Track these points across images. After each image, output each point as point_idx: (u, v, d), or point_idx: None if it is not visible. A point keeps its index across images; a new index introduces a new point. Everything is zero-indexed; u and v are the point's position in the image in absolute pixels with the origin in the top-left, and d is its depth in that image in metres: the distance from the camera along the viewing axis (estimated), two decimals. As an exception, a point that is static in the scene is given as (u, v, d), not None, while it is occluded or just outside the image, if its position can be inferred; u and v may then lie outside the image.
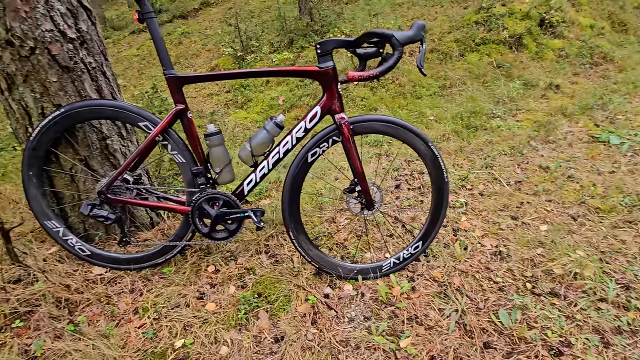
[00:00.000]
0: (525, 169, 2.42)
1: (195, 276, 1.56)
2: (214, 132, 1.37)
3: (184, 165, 1.41)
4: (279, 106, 4.55)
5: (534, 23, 4.45)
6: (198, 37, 8.20)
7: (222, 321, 1.36)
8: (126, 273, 1.55)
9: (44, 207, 1.45)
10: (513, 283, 1.50)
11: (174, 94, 1.32)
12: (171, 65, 1.30)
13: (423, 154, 1.44)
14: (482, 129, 2.94)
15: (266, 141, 1.37)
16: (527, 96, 3.59)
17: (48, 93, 1.36)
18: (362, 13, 6.33)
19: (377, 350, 1.24)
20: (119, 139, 1.57)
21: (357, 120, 1.37)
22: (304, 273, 1.58)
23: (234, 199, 1.42)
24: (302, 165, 1.40)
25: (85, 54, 1.41)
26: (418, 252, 1.56)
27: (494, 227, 1.86)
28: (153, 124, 1.35)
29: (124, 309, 1.41)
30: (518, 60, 4.15)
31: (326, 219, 1.98)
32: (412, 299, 1.45)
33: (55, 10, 1.30)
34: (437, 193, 1.49)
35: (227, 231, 1.47)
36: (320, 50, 1.26)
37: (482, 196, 2.16)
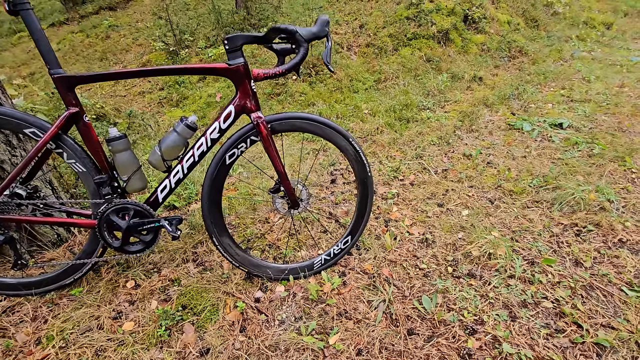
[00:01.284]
0: (451, 157, 2.56)
1: (111, 294, 1.43)
2: (117, 137, 1.25)
3: (85, 174, 1.27)
4: (216, 103, 4.37)
5: (459, 19, 4.73)
6: (128, 31, 7.60)
7: (140, 340, 1.26)
8: (27, 299, 1.38)
9: None
10: (436, 268, 1.58)
11: (64, 95, 1.18)
12: (58, 63, 1.15)
13: (345, 150, 1.45)
14: (413, 121, 3.06)
15: (178, 144, 1.28)
16: (454, 88, 3.81)
17: None
18: (300, 7, 6.28)
19: (306, 350, 1.23)
20: (7, 147, 1.38)
21: (275, 118, 1.33)
22: (234, 279, 1.53)
23: (147, 207, 1.31)
24: (220, 167, 1.33)
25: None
26: (348, 247, 1.58)
27: (422, 215, 1.94)
28: (42, 130, 1.20)
29: (23, 341, 1.24)
30: (446, 54, 4.39)
31: (259, 219, 1.93)
32: (342, 294, 1.46)
33: None
34: (362, 187, 1.51)
35: (142, 243, 1.36)
36: (228, 46, 1.20)
37: (413, 186, 2.25)
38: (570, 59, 4.81)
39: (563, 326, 1.24)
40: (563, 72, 4.21)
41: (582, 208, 1.83)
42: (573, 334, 1.21)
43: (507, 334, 1.22)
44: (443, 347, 1.21)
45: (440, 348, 1.21)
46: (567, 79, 4.02)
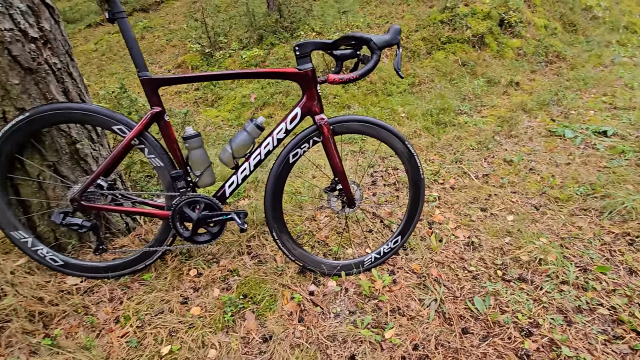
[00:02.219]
0: (492, 162, 2.56)
1: (177, 281, 1.54)
2: (192, 135, 1.35)
3: (162, 169, 1.37)
4: (250, 104, 4.50)
5: (495, 23, 4.69)
6: (162, 32, 7.88)
7: (208, 324, 1.35)
8: (103, 281, 1.50)
9: (9, 217, 1.37)
10: (485, 271, 1.60)
11: (150, 96, 1.29)
12: (145, 66, 1.26)
13: (400, 152, 1.50)
14: (450, 125, 3.07)
15: (247, 143, 1.37)
16: (491, 93, 3.78)
17: (9, 96, 1.27)
18: (331, 10, 6.36)
19: (363, 342, 1.29)
20: (90, 142, 1.51)
21: (337, 120, 1.40)
22: (288, 272, 1.60)
23: (216, 201, 1.41)
24: (284, 166, 1.41)
25: (50, 54, 1.33)
26: (397, 246, 1.63)
27: (466, 219, 1.96)
28: (128, 127, 1.31)
29: (104, 319, 1.36)
30: (481, 58, 4.36)
31: (306, 217, 2.01)
32: (393, 292, 1.51)
33: (15, 8, 1.22)
34: (414, 189, 1.56)
35: (209, 234, 1.45)
36: (299, 52, 1.28)
37: (454, 190, 2.27)
38: (611, 65, 4.68)
39: (621, 333, 1.25)
40: (604, 78, 4.10)
41: (633, 217, 1.81)
42: (633, 341, 1.22)
43: (565, 338, 1.24)
44: (499, 347, 1.24)
45: (497, 347, 1.24)
46: (608, 85, 3.92)
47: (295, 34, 5.65)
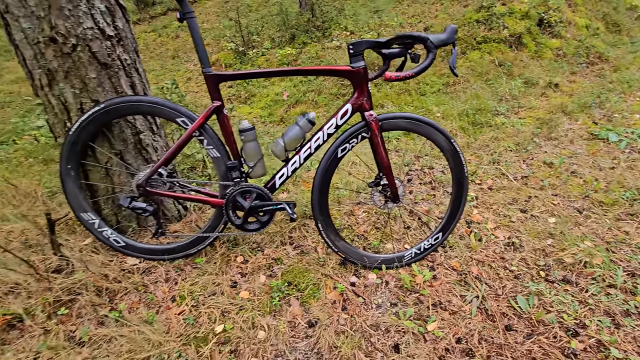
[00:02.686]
0: (531, 164, 2.52)
1: (226, 266, 1.63)
2: (248, 128, 1.43)
3: (219, 159, 1.46)
4: (283, 101, 4.60)
5: (533, 23, 4.56)
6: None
7: (257, 308, 1.43)
8: (159, 263, 1.61)
9: (80, 200, 1.50)
10: (527, 271, 1.60)
11: (212, 91, 1.37)
12: (209, 63, 1.35)
13: (445, 150, 1.52)
14: (487, 126, 3.04)
15: (298, 137, 1.44)
16: (528, 94, 3.70)
17: (87, 89, 1.40)
18: (363, 9, 6.38)
19: (406, 333, 1.33)
20: (150, 133, 1.62)
21: (385, 117, 1.45)
22: (329, 263, 1.66)
23: (267, 192, 1.48)
24: (333, 160, 1.47)
25: (122, 51, 1.45)
26: (438, 243, 1.65)
27: (505, 220, 1.96)
28: (190, 119, 1.41)
29: (162, 297, 1.47)
30: (518, 58, 4.26)
31: (344, 212, 2.06)
32: (434, 287, 1.53)
33: (96, 9, 1.33)
34: (458, 186, 1.58)
35: (259, 222, 1.53)
36: (352, 50, 1.33)
37: (491, 190, 2.26)
38: (659, 67, 4.45)
39: (674, 338, 1.23)
40: (651, 80, 3.92)
41: (686, 224, 1.75)
42: (686, 347, 1.20)
43: (613, 340, 1.23)
44: (545, 345, 1.25)
45: (542, 345, 1.25)
46: (656, 88, 3.74)
47: (327, 33, 5.71)
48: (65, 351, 1.24)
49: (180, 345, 1.28)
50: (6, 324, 1.32)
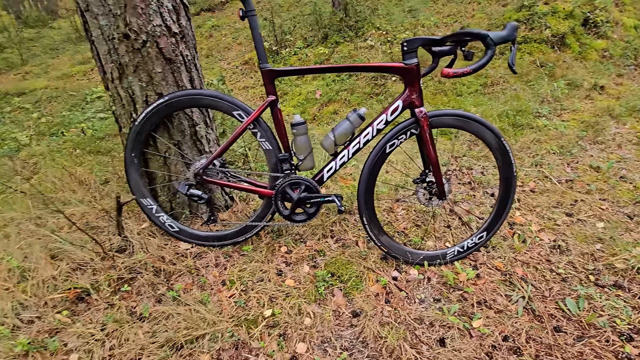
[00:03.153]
0: (576, 168, 2.45)
1: (271, 255, 1.69)
2: (300, 122, 1.48)
3: (270, 152, 1.53)
4: (316, 100, 4.65)
5: (578, 22, 4.39)
6: (228, 31, 8.32)
7: (302, 295, 1.48)
8: (209, 249, 1.69)
9: (140, 186, 1.60)
10: (575, 275, 1.57)
11: (267, 85, 1.44)
12: (266, 59, 1.41)
13: (494, 148, 1.52)
14: (528, 128, 2.97)
15: (348, 131, 1.48)
16: (572, 96, 3.57)
17: (152, 82, 1.50)
18: (396, 9, 6.34)
19: (451, 328, 1.34)
20: (205, 126, 1.71)
21: (435, 114, 1.46)
22: (371, 257, 1.69)
23: (315, 184, 1.53)
24: (380, 155, 1.50)
25: (184, 47, 1.54)
26: (482, 242, 1.65)
27: (550, 223, 1.92)
28: (246, 113, 1.48)
29: (213, 280, 1.55)
30: (561, 59, 4.11)
31: (383, 208, 2.08)
32: (478, 285, 1.53)
33: (164, 7, 1.43)
34: (505, 185, 1.57)
35: (306, 214, 1.58)
36: (406, 47, 1.35)
37: (534, 193, 2.21)
38: None
39: None
40: None
41: None
42: None
43: (673, 347, 1.19)
44: (596, 348, 1.23)
45: (594, 348, 1.23)
46: None
47: (359, 32, 5.73)
48: (128, 325, 1.34)
49: (233, 325, 1.35)
50: (76, 296, 1.44)
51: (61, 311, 1.39)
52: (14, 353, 1.23)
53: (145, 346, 1.27)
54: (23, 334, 1.30)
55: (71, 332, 1.32)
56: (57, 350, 1.26)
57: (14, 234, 1.81)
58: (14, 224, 1.91)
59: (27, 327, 1.34)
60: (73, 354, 1.26)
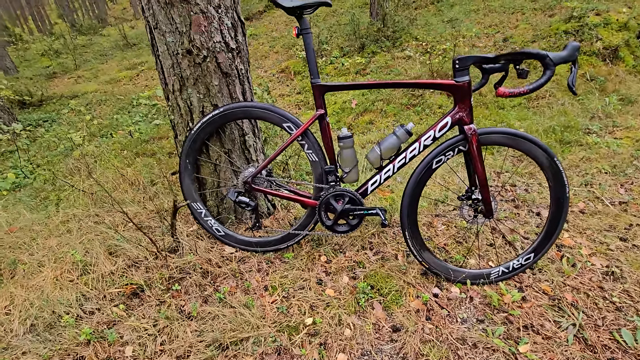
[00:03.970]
0: (630, 189, 2.31)
1: (311, 263, 1.73)
2: (347, 136, 1.52)
3: (316, 163, 1.57)
4: (351, 109, 4.69)
5: (633, 35, 4.15)
6: (265, 39, 8.56)
7: (342, 306, 1.50)
8: (252, 254, 1.76)
9: (192, 191, 1.70)
10: (632, 305, 1.48)
11: (317, 99, 1.49)
12: (318, 74, 1.46)
13: (545, 168, 1.47)
14: (577, 145, 2.83)
15: (395, 146, 1.49)
16: (625, 112, 3.37)
17: (209, 94, 1.59)
18: (434, 19, 6.29)
19: (496, 351, 1.30)
20: (253, 135, 1.79)
21: (484, 131, 1.44)
22: (411, 272, 1.68)
23: (359, 196, 1.56)
24: (426, 171, 1.49)
25: (239, 61, 1.63)
26: (529, 264, 1.59)
27: (602, 247, 1.82)
28: (295, 125, 1.53)
29: (256, 285, 1.60)
30: (613, 73, 3.90)
31: (423, 223, 2.06)
32: (524, 308, 1.48)
33: (225, 25, 1.52)
34: (556, 207, 1.52)
35: (348, 225, 1.61)
36: (459, 65, 1.36)
37: (584, 214, 2.11)
38: None
39: None
40: None
41: None
42: None
43: None
44: (658, 386, 1.15)
45: (656, 386, 1.15)
46: None
47: (397, 42, 5.72)
48: (178, 322, 1.42)
49: (275, 331, 1.39)
50: (131, 292, 1.54)
51: (118, 305, 1.50)
52: (77, 341, 1.34)
53: (193, 344, 1.34)
54: (85, 324, 1.41)
55: (127, 325, 1.42)
56: (114, 342, 1.35)
57: (76, 229, 1.97)
58: (76, 220, 2.08)
59: (89, 318, 1.45)
60: (128, 346, 1.35)
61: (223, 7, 1.50)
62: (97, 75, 8.76)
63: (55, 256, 1.73)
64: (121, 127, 5.06)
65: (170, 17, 1.44)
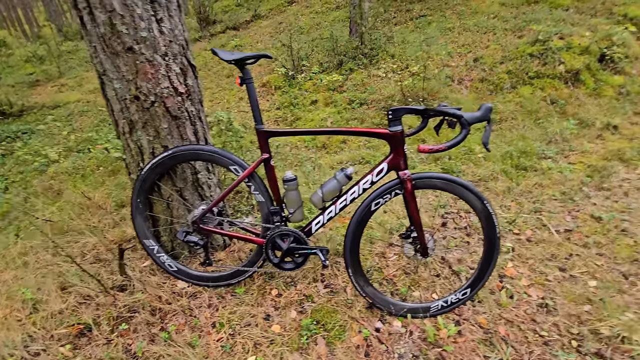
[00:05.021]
0: (576, 217, 2.43)
1: (261, 298, 1.78)
2: (291, 178, 1.58)
3: (263, 203, 1.63)
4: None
5: (594, 58, 4.35)
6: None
7: (286, 343, 1.56)
8: (204, 289, 1.80)
9: (144, 228, 1.74)
10: (559, 339, 1.57)
11: (262, 144, 1.55)
12: (262, 120, 1.53)
13: (478, 211, 1.56)
14: (532, 170, 2.96)
15: (336, 189, 1.57)
16: (582, 136, 3.53)
17: (159, 137, 1.64)
18: (411, 36, 6.44)
19: (425, 389, 1.37)
20: (206, 173, 1.84)
21: (419, 176, 1.53)
22: (357, 305, 1.75)
23: (303, 236, 1.62)
24: (366, 213, 1.57)
25: (189, 104, 1.68)
26: (465, 298, 1.68)
27: (541, 278, 1.92)
28: (242, 168, 1.59)
29: (204, 322, 1.65)
30: (574, 96, 4.08)
31: (376, 253, 2.14)
32: (458, 343, 1.56)
33: (173, 71, 1.58)
34: (489, 246, 1.60)
35: (294, 263, 1.67)
36: (392, 116, 1.44)
37: (530, 242, 2.21)
38: None
39: None
40: None
41: None
42: None
43: None
44: None
45: None
46: None
47: (374, 60, 5.85)
48: (123, 362, 1.46)
49: (217, 371, 1.44)
50: (79, 331, 1.57)
51: (65, 345, 1.52)
52: (19, 385, 1.36)
53: (135, 386, 1.38)
54: (29, 367, 1.43)
55: (71, 366, 1.44)
56: (57, 385, 1.38)
57: (32, 262, 1.98)
58: (33, 252, 2.09)
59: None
60: (71, 388, 1.38)
61: (170, 54, 1.56)
62: (81, 84, 8.64)
63: (7, 293, 1.75)
64: (100, 141, 5.04)
65: (117, 66, 1.49)
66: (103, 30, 1.44)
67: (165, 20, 1.53)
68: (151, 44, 1.50)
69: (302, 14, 10.19)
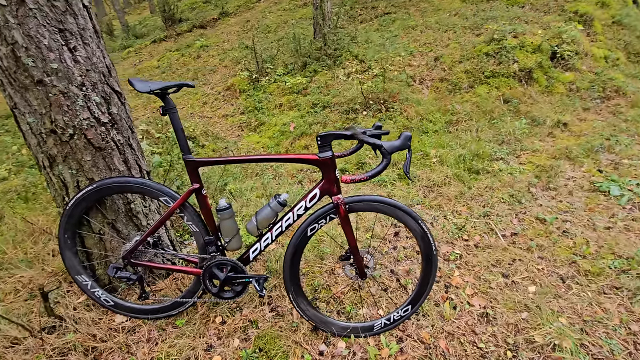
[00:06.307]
0: (523, 219, 2.50)
1: (204, 327, 1.74)
2: (225, 207, 1.54)
3: (197, 234, 1.58)
4: (289, 133, 4.72)
5: (546, 56, 4.49)
6: (216, 52, 8.40)
7: (226, 376, 1.53)
8: (144, 322, 1.74)
9: (75, 264, 1.66)
10: (495, 350, 1.61)
11: (191, 174, 1.50)
12: (189, 150, 1.48)
13: (414, 230, 1.57)
14: (484, 173, 3.03)
15: (270, 217, 1.54)
16: (533, 134, 3.64)
17: (83, 169, 1.56)
18: (375, 35, 6.45)
19: (362, 414, 1.38)
20: (142, 201, 1.77)
21: (353, 200, 1.52)
22: (302, 328, 1.74)
23: (240, 265, 1.59)
24: (302, 238, 1.55)
25: (115, 133, 1.60)
26: (407, 315, 1.70)
27: (485, 285, 1.96)
28: (172, 199, 1.54)
29: (142, 359, 1.59)
30: (527, 94, 4.20)
31: (325, 270, 2.13)
32: (399, 362, 1.58)
33: (92, 101, 1.50)
34: (427, 263, 1.62)
35: (233, 292, 1.64)
36: (321, 142, 1.42)
37: (477, 248, 2.26)
38: (681, 103, 4.25)
39: None
40: (669, 120, 3.76)
41: (669, 306, 1.70)
42: None
43: None
44: None
45: None
46: (673, 130, 3.59)
47: (337, 61, 5.82)
48: (52, 411, 1.39)
49: (152, 412, 1.39)
50: (4, 380, 1.48)
51: (-12, 396, 1.44)
52: None
53: None
54: None
55: (-6, 421, 1.36)
56: None
57: (-40, 302, 1.86)
58: (-38, 291, 1.96)
59: (-48, 416, 1.38)
60: None
61: (89, 84, 1.48)
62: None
63: None
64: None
65: (27, 100, 1.40)
66: (7, 63, 1.34)
67: (80, 48, 1.44)
68: (64, 75, 1.41)
69: (270, 12, 10.01)
